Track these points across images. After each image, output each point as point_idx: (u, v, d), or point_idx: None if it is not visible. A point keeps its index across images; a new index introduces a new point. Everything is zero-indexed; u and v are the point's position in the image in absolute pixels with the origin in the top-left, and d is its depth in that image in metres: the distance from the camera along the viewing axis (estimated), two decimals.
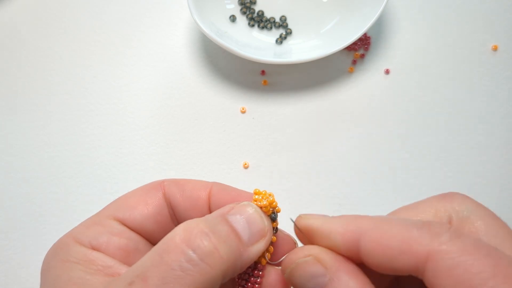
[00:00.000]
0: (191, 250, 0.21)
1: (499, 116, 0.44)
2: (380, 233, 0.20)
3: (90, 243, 0.24)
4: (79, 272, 0.22)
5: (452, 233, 0.19)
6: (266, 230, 0.24)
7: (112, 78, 0.46)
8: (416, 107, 0.45)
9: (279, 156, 0.43)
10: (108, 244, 0.24)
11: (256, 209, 0.25)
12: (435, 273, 0.19)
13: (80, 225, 0.25)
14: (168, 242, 0.21)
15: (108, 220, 0.25)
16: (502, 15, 0.47)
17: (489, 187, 0.42)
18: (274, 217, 0.26)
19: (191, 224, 0.22)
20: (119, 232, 0.25)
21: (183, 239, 0.21)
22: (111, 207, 0.26)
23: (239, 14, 0.47)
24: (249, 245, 0.23)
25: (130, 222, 0.25)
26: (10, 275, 0.40)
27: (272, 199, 0.26)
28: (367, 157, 0.43)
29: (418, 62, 0.46)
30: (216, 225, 0.22)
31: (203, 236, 0.21)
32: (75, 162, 0.43)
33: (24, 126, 0.45)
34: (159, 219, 0.26)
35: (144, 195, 0.26)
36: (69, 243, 0.24)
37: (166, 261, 0.20)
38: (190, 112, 0.45)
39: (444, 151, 0.43)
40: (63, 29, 0.48)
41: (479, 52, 0.46)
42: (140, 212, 0.26)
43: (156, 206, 0.26)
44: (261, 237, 0.24)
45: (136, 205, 0.26)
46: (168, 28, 0.48)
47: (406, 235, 0.20)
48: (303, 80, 0.46)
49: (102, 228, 0.25)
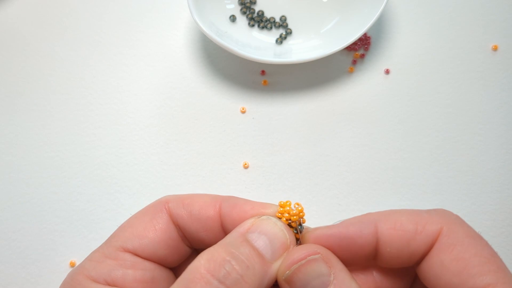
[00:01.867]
0: (215, 280, 0.21)
1: (499, 116, 0.44)
2: (394, 220, 0.22)
3: (105, 280, 0.23)
4: None
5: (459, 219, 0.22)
6: (288, 243, 0.24)
7: (112, 78, 0.46)
8: (416, 107, 0.45)
9: (279, 156, 0.43)
10: (124, 279, 0.24)
11: (276, 222, 0.24)
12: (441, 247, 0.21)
13: (90, 260, 0.25)
14: (193, 273, 0.21)
15: (119, 252, 0.24)
16: (502, 15, 0.47)
17: (489, 187, 0.42)
18: (300, 229, 0.25)
19: (212, 251, 0.22)
20: (133, 264, 0.24)
21: (208, 270, 0.21)
22: (119, 237, 0.25)
23: (239, 14, 0.47)
24: (273, 262, 0.23)
25: (141, 252, 0.25)
26: (10, 275, 0.40)
27: (301, 208, 0.25)
28: (367, 157, 0.43)
29: (418, 62, 0.46)
30: (237, 248, 0.22)
31: (226, 264, 0.21)
32: (75, 162, 0.43)
33: (24, 126, 0.45)
34: (170, 244, 0.25)
35: (151, 221, 0.26)
36: (82, 281, 0.23)
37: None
38: (190, 112, 0.45)
39: (444, 151, 0.43)
40: (63, 29, 0.48)
41: (479, 52, 0.46)
42: (150, 240, 0.25)
43: (165, 231, 0.25)
44: (284, 251, 0.23)
45: (145, 233, 0.25)
46: (168, 28, 0.48)
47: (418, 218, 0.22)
48: (303, 80, 0.46)
49: (115, 262, 0.24)
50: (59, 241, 0.41)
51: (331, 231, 0.23)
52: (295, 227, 0.25)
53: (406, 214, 0.22)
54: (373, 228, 0.22)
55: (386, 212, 0.23)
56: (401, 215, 0.22)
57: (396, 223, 0.22)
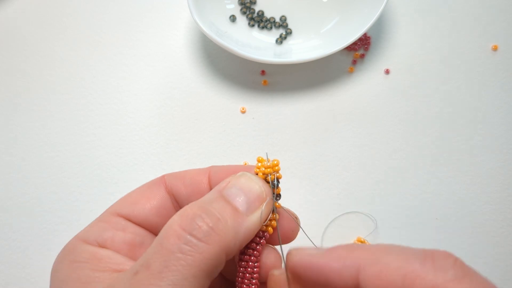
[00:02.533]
0: (187, 233, 0.21)
1: (499, 116, 0.44)
2: (380, 268, 0.19)
3: (97, 241, 0.24)
4: (87, 271, 0.23)
5: (458, 269, 0.18)
6: (264, 195, 0.24)
7: (112, 78, 0.46)
8: (416, 107, 0.45)
9: (279, 156, 0.43)
10: (114, 239, 0.25)
11: (250, 176, 0.25)
12: None
13: (86, 227, 0.26)
14: (167, 230, 0.22)
15: (113, 217, 0.26)
16: (502, 15, 0.47)
17: (489, 187, 0.42)
18: (276, 183, 0.26)
19: (186, 209, 0.23)
20: (124, 227, 0.25)
21: (179, 225, 0.22)
22: (115, 205, 0.27)
23: (239, 14, 0.47)
24: (249, 214, 0.23)
25: (134, 217, 0.26)
26: (10, 275, 0.40)
27: (276, 162, 0.26)
28: (367, 157, 0.43)
29: (418, 62, 0.46)
30: (210, 204, 0.23)
31: (197, 218, 0.22)
32: (75, 162, 0.43)
33: (24, 126, 0.45)
34: (162, 212, 0.26)
35: (146, 190, 0.27)
36: (76, 244, 0.24)
37: (165, 247, 0.21)
38: (190, 112, 0.45)
39: (444, 151, 0.43)
40: (63, 29, 0.48)
41: (479, 52, 0.46)
42: (143, 206, 0.26)
43: (159, 199, 0.27)
44: (260, 203, 0.24)
45: (139, 200, 0.26)
46: (168, 28, 0.48)
47: (408, 269, 0.18)
48: (303, 80, 0.46)
49: (107, 225, 0.25)
50: (59, 241, 0.41)
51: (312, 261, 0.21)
52: (272, 182, 0.25)
53: (396, 260, 0.19)
54: (355, 272, 0.20)
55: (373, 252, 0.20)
56: (391, 259, 0.19)
57: (382, 272, 0.19)
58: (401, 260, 0.19)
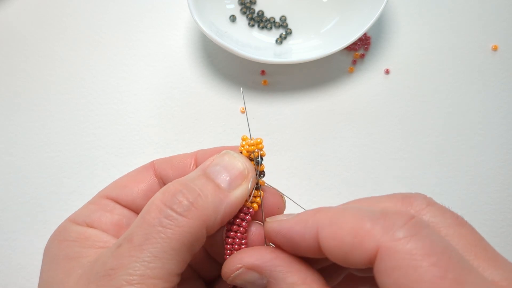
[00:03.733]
0: (168, 208, 0.22)
1: (499, 116, 0.44)
2: (335, 228, 0.20)
3: (85, 222, 0.26)
4: (75, 248, 0.24)
5: (408, 228, 0.18)
6: (246, 171, 0.25)
7: (112, 78, 0.46)
8: (416, 107, 0.45)
9: (279, 156, 0.43)
10: (101, 220, 0.26)
11: (233, 154, 0.25)
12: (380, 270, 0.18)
13: (77, 210, 0.27)
14: (149, 205, 0.23)
15: (102, 199, 0.27)
16: (502, 15, 0.47)
17: (489, 187, 0.42)
18: (259, 161, 0.26)
19: (169, 185, 0.23)
20: (112, 209, 0.26)
21: (161, 200, 0.23)
22: (106, 188, 0.28)
23: (239, 14, 0.47)
24: (231, 190, 0.24)
25: (122, 200, 0.27)
26: (10, 275, 0.40)
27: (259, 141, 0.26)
28: (367, 157, 0.43)
29: (418, 62, 0.46)
30: (192, 180, 0.24)
31: (178, 194, 0.23)
32: (75, 162, 0.43)
33: (24, 126, 0.45)
34: (150, 195, 0.27)
35: (136, 175, 0.28)
36: (66, 225, 0.26)
37: (147, 220, 0.22)
38: (190, 112, 0.45)
39: (444, 150, 0.43)
40: (63, 29, 0.48)
41: (479, 52, 0.46)
42: (131, 189, 0.27)
43: (147, 183, 0.27)
44: (243, 180, 0.25)
45: (128, 184, 0.27)
46: (168, 28, 0.48)
47: (359, 228, 0.19)
48: (303, 80, 0.46)
49: (95, 206, 0.26)
50: None
51: (280, 227, 0.23)
52: (255, 159, 0.26)
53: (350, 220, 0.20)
54: (315, 233, 0.21)
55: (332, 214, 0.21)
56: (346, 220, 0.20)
57: (336, 232, 0.20)
58: (355, 221, 0.20)
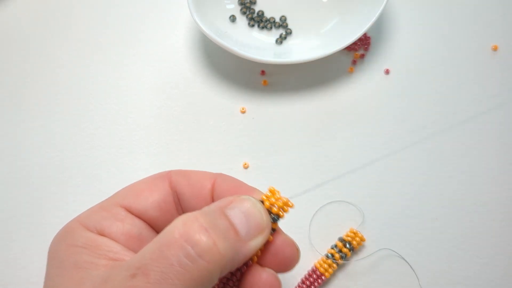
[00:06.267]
0: (189, 246, 0.21)
1: (499, 116, 0.44)
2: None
3: (96, 228, 0.25)
4: (84, 256, 0.23)
5: None
6: (264, 226, 0.24)
7: (112, 78, 0.46)
8: (416, 107, 0.45)
9: (279, 156, 0.43)
10: (111, 229, 0.25)
11: (255, 203, 0.24)
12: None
13: (87, 210, 0.26)
14: (168, 236, 0.22)
15: (114, 206, 0.26)
16: (502, 15, 0.47)
17: (489, 187, 0.42)
18: (276, 218, 0.25)
19: (190, 217, 0.22)
20: (123, 218, 0.25)
21: (182, 234, 0.21)
22: (119, 194, 0.27)
23: (239, 14, 0.47)
24: (247, 240, 0.23)
25: (134, 209, 0.26)
26: (10, 275, 0.40)
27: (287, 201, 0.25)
28: (367, 157, 0.43)
29: (418, 62, 0.46)
30: (215, 219, 0.22)
31: (202, 232, 0.21)
32: (75, 162, 0.43)
33: (24, 126, 0.45)
34: (163, 207, 0.26)
35: (150, 183, 0.27)
36: (75, 228, 0.25)
37: (165, 256, 0.21)
38: (190, 112, 0.45)
39: (443, 151, 0.43)
40: (63, 29, 0.48)
41: (479, 52, 0.46)
42: (144, 199, 0.26)
43: (161, 193, 0.27)
44: (259, 233, 0.24)
45: (142, 192, 0.27)
46: (168, 28, 0.48)
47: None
48: (303, 80, 0.46)
49: (107, 214, 0.25)
50: None
51: None
52: (275, 215, 0.25)
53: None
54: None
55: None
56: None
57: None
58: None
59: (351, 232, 0.39)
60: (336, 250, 0.39)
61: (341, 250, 0.39)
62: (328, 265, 0.38)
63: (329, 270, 0.38)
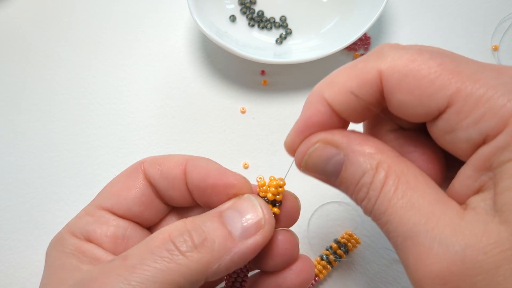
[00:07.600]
0: (172, 244, 0.22)
1: None
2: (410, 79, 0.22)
3: (82, 234, 0.26)
4: (72, 261, 0.25)
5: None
6: (262, 222, 0.24)
7: (112, 78, 0.46)
8: None
9: (279, 156, 0.43)
10: (96, 233, 0.26)
11: (253, 200, 0.25)
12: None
13: (74, 218, 0.27)
14: (157, 233, 0.23)
15: (97, 210, 0.27)
16: (502, 15, 0.47)
17: None
18: (278, 205, 0.26)
19: (181, 221, 0.24)
20: (107, 221, 0.26)
21: (169, 233, 0.23)
22: (99, 196, 0.28)
23: (239, 14, 0.47)
24: (242, 239, 0.24)
25: (117, 209, 0.27)
26: (10, 275, 0.40)
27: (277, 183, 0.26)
28: None
29: None
30: (204, 222, 0.24)
31: (185, 233, 0.23)
32: (75, 162, 0.43)
33: (24, 126, 0.45)
34: (144, 200, 0.27)
35: (126, 180, 0.28)
36: (64, 235, 0.26)
37: (148, 245, 0.22)
38: (190, 112, 0.45)
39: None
40: (63, 29, 0.48)
41: (479, 52, 0.46)
42: (124, 198, 0.27)
43: (139, 188, 0.27)
44: (257, 230, 0.24)
45: (120, 191, 0.27)
46: (168, 28, 0.48)
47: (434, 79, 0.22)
48: (303, 80, 0.46)
49: (91, 218, 0.27)
50: None
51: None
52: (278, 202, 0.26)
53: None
54: (378, 85, 0.22)
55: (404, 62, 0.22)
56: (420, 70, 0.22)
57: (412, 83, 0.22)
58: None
59: (346, 234, 0.39)
60: (331, 252, 0.39)
61: (335, 252, 0.39)
62: (323, 266, 0.38)
63: (323, 271, 0.38)
